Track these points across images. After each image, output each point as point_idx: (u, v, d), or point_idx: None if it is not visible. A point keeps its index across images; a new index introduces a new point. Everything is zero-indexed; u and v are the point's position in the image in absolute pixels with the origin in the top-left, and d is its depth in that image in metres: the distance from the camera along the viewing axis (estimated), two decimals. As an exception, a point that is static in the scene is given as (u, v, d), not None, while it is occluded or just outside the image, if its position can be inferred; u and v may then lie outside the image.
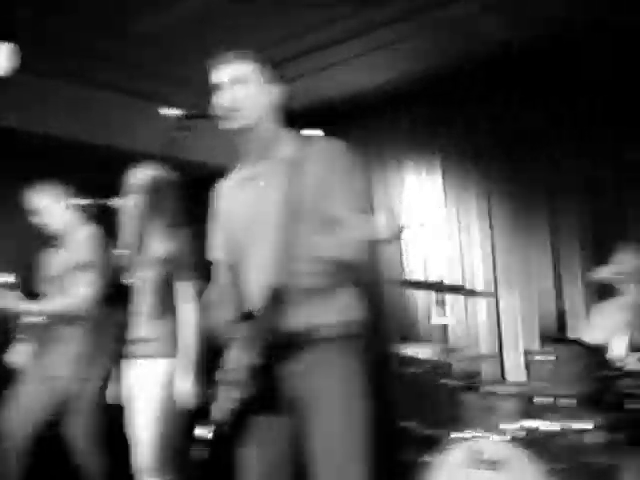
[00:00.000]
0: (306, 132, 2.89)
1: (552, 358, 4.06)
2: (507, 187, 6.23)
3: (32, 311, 4.56)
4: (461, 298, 6.31)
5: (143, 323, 3.99)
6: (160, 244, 4.00)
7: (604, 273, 4.74)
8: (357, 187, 2.76)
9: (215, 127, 2.82)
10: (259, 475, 2.76)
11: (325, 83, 6.36)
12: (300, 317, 2.69)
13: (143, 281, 4.00)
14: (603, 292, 5.13)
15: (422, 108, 6.73)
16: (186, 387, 3.86)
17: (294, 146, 2.83)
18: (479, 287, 6.25)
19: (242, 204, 2.89)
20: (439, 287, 5.04)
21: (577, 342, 4.49)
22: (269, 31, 5.37)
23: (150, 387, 3.87)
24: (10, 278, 4.49)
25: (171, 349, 3.92)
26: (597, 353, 4.18)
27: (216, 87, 2.84)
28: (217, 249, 3.02)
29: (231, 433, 2.67)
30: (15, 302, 4.48)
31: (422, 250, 6.67)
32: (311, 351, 2.69)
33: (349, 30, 5.59)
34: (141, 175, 4.02)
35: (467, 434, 4.10)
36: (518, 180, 6.17)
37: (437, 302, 5.09)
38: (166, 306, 3.98)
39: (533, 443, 3.95)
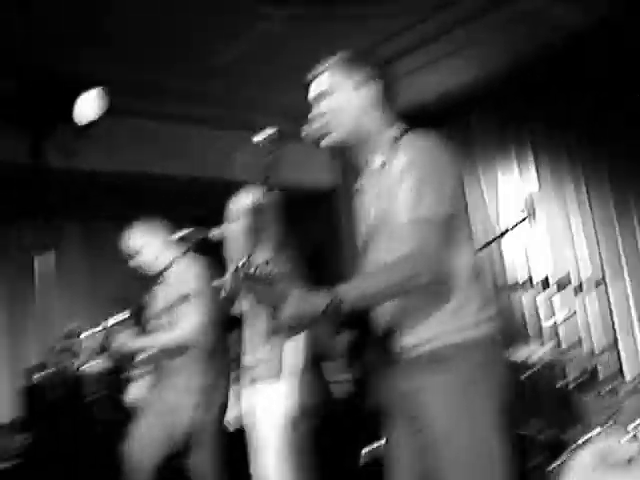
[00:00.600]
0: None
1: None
2: (604, 174, 6.08)
3: (145, 346, 4.64)
4: (569, 293, 6.17)
5: (259, 346, 4.00)
6: (268, 265, 4.00)
7: None
8: (432, 186, 2.48)
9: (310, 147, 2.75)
10: None
11: (409, 88, 6.37)
12: (411, 331, 2.57)
13: (250, 305, 4.02)
14: None
15: (509, 104, 6.66)
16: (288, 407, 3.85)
17: (384, 150, 2.65)
18: (586, 280, 6.10)
19: (358, 219, 2.80)
20: (545, 285, 4.94)
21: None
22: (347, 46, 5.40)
23: (274, 409, 3.87)
24: (125, 315, 4.58)
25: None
26: None
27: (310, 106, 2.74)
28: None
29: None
30: (129, 339, 4.58)
31: (524, 247, 6.55)
32: (422, 365, 2.55)
33: (422, 36, 5.63)
34: (242, 200, 4.04)
35: (593, 435, 4.00)
36: (615, 165, 6.02)
37: (545, 301, 4.98)
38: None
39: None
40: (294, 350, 3.89)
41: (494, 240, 6.21)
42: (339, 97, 2.68)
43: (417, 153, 2.54)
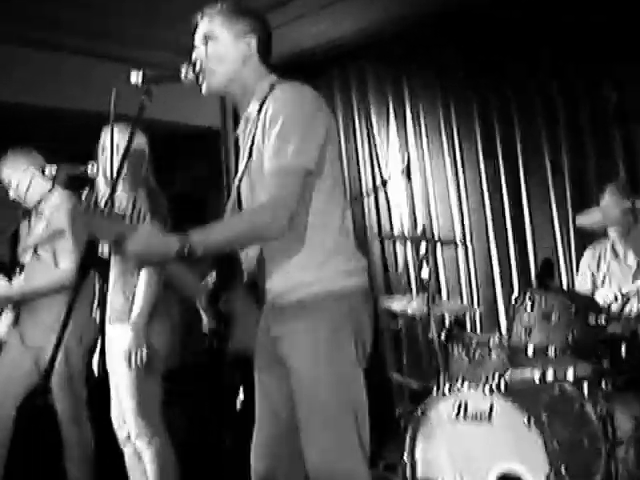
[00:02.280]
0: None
1: (539, 306, 4.02)
2: (490, 129, 6.14)
3: (25, 293, 4.49)
4: (446, 249, 6.25)
5: (117, 286, 3.93)
6: (123, 208, 3.91)
7: (589, 218, 4.67)
8: (290, 143, 2.49)
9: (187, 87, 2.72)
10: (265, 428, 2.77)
11: (302, 33, 6.25)
12: (277, 278, 2.64)
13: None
14: (590, 237, 5.07)
15: (390, 56, 6.64)
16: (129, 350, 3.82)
17: (259, 99, 2.67)
18: (467, 236, 6.18)
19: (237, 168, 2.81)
20: (422, 239, 4.98)
21: (564, 289, 4.46)
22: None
23: (119, 351, 3.84)
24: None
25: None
26: (586, 300, 4.15)
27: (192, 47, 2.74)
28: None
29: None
30: (5, 286, 4.44)
31: (406, 199, 6.59)
32: (292, 311, 2.62)
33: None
34: (113, 136, 3.92)
35: (453, 386, 4.08)
36: (501, 119, 6.08)
37: (422, 254, 5.03)
38: (133, 271, 3.93)
39: (520, 394, 3.93)
40: (143, 292, 3.86)
41: (373, 190, 6.24)
42: (219, 45, 2.69)
43: (285, 102, 2.57)
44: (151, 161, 4.07)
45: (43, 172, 4.43)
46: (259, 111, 2.63)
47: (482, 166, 6.16)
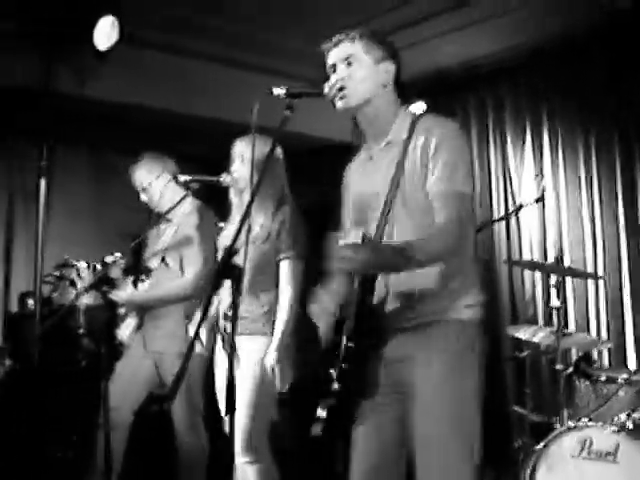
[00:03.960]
0: (412, 106, 2.82)
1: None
2: (631, 161, 5.91)
3: (139, 299, 4.58)
4: (579, 280, 6.07)
5: (243, 300, 3.93)
6: (266, 219, 3.94)
7: None
8: (461, 167, 2.69)
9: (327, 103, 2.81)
10: (370, 458, 2.76)
11: (439, 52, 6.23)
12: (406, 301, 2.69)
13: (246, 257, 3.94)
14: None
15: (537, 79, 6.48)
16: (272, 367, 3.80)
17: (405, 126, 2.77)
18: (599, 268, 5.99)
19: (362, 185, 2.90)
20: (555, 268, 4.85)
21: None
22: (374, 2, 5.25)
23: (247, 365, 3.82)
24: (125, 253, 4.48)
25: (270, 327, 3.86)
26: None
27: (328, 67, 2.85)
28: (343, 227, 3.01)
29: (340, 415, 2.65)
30: (133, 291, 4.53)
31: (538, 226, 6.43)
32: (418, 336, 2.67)
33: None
34: (250, 147, 3.97)
35: (579, 422, 3.95)
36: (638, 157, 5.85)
37: (554, 284, 4.90)
38: (267, 284, 3.93)
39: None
40: (289, 307, 3.86)
41: (505, 216, 6.14)
42: (362, 67, 2.80)
43: (448, 135, 2.71)
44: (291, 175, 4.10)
45: (176, 179, 4.49)
46: (409, 137, 2.71)
47: (619, 198, 5.96)
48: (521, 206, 5.94)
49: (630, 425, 3.81)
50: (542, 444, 3.97)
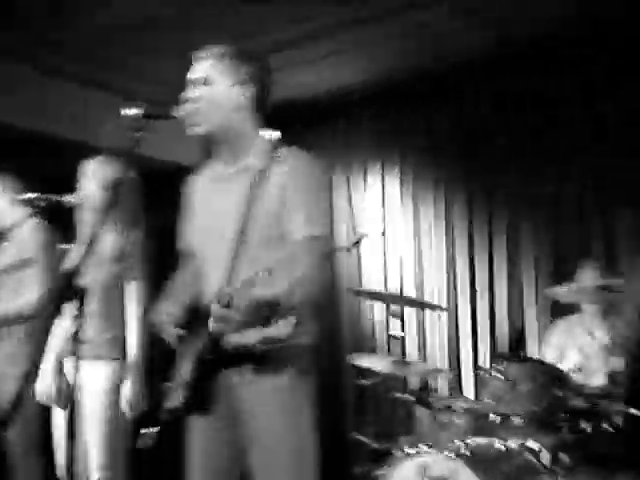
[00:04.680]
0: (266, 133, 2.80)
1: (505, 375, 4.02)
2: (469, 196, 6.20)
3: None
4: (418, 310, 6.25)
5: (91, 323, 3.86)
6: (113, 242, 3.89)
7: (563, 291, 4.69)
8: (320, 206, 2.66)
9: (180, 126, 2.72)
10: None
11: (290, 82, 6.27)
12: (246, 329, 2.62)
13: (93, 279, 3.88)
14: (561, 309, 5.11)
15: (388, 111, 6.66)
16: (129, 391, 3.76)
17: (263, 154, 2.70)
18: (437, 299, 6.19)
19: (208, 206, 2.80)
20: (396, 299, 4.98)
21: (532, 360, 4.46)
22: (235, 26, 5.25)
23: (96, 389, 3.76)
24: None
25: (119, 351, 3.81)
26: (552, 372, 4.15)
27: (187, 83, 2.74)
28: (185, 243, 2.92)
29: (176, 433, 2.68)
30: None
31: (381, 259, 6.60)
32: (256, 364, 2.63)
33: (314, 30, 5.52)
34: (101, 169, 3.92)
35: (417, 449, 4.04)
36: (481, 189, 6.15)
37: (394, 314, 5.03)
38: (115, 306, 3.87)
39: (482, 461, 3.90)
40: (141, 331, 3.82)
41: (348, 247, 6.25)
42: (216, 90, 2.68)
43: (307, 170, 2.67)
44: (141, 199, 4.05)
45: (19, 198, 4.36)
46: (265, 168, 2.65)
47: (458, 231, 6.20)
48: (364, 236, 6.08)
49: (466, 452, 3.92)
50: (381, 470, 4.03)
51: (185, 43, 2.87)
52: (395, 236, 6.51)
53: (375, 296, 6.06)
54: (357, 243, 6.05)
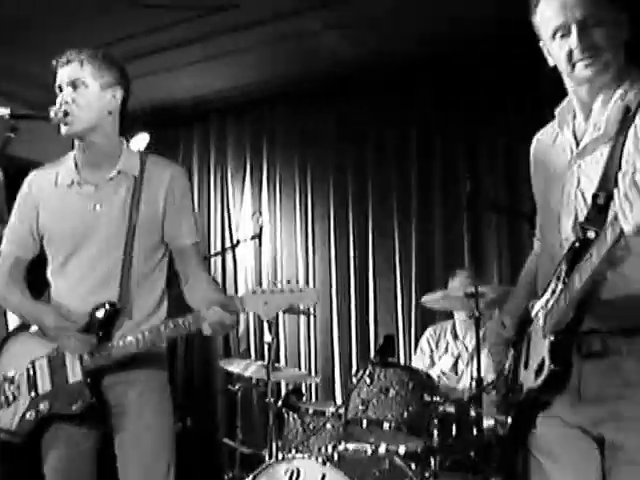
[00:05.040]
0: (136, 137, 2.81)
1: (376, 381, 4.05)
2: (343, 202, 6.27)
3: None
4: (289, 316, 6.25)
5: None
6: None
7: (434, 298, 4.77)
8: (194, 216, 2.86)
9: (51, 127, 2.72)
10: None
11: (166, 85, 6.19)
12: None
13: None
14: (433, 316, 5.19)
15: (263, 118, 6.70)
16: None
17: (135, 161, 2.77)
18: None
19: (70, 208, 2.78)
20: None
21: (403, 366, 4.51)
22: (112, 28, 5.15)
23: None
24: None
25: None
26: (422, 377, 4.21)
27: (56, 88, 2.75)
28: (12, 242, 2.87)
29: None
30: None
31: (256, 263, 6.59)
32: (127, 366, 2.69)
33: (192, 35, 5.48)
34: None
35: (288, 454, 4.04)
36: (354, 194, 6.24)
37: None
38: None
39: (352, 466, 3.92)
40: None
41: (224, 251, 6.21)
42: (87, 93, 2.72)
43: (181, 181, 2.84)
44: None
45: None
46: (141, 176, 2.75)
47: (332, 238, 6.26)
48: (238, 242, 6.05)
49: (335, 456, 3.94)
50: (251, 476, 4.01)
51: (56, 45, 2.78)
52: (270, 241, 6.51)
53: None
54: (233, 247, 6.02)
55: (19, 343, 2.83)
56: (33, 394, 2.68)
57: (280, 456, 4.06)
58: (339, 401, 5.58)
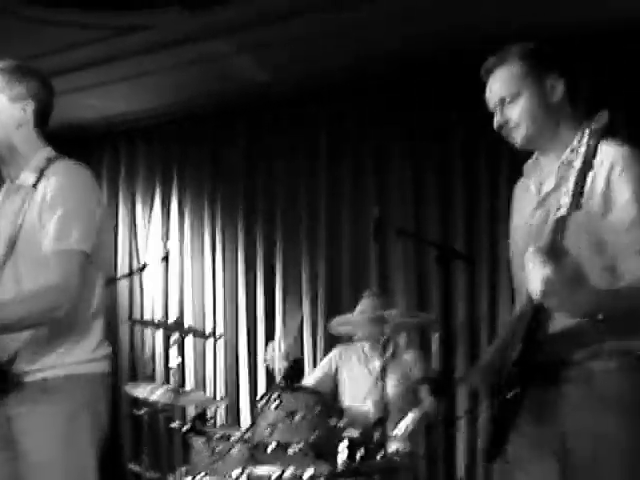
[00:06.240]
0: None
1: (282, 404, 4.06)
2: (250, 225, 6.32)
3: None
4: (196, 339, 6.23)
5: None
6: None
7: (340, 321, 4.80)
8: (79, 217, 2.55)
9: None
10: None
11: (76, 105, 6.14)
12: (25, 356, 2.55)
13: None
14: (339, 340, 5.24)
15: (174, 139, 6.69)
16: None
17: (37, 169, 2.63)
18: (217, 327, 6.21)
19: None
20: (175, 327, 4.94)
21: (308, 390, 4.53)
22: (26, 45, 5.08)
23: None
24: None
25: None
26: (330, 402, 4.23)
27: None
28: None
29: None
30: None
31: (163, 286, 6.55)
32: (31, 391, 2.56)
33: (107, 54, 5.46)
34: None
35: (194, 479, 4.01)
36: (260, 217, 6.28)
37: (172, 342, 4.98)
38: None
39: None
40: None
41: (131, 274, 6.16)
42: None
43: (68, 182, 2.58)
44: None
45: None
46: (35, 184, 2.59)
47: (240, 261, 6.30)
48: (145, 265, 6.01)
49: (244, 480, 3.93)
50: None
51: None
52: (176, 264, 6.48)
53: (154, 324, 5.99)
54: (140, 270, 5.97)
55: None
56: None
57: (187, 480, 4.02)
58: (245, 425, 5.57)
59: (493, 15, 4.81)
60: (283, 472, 4.12)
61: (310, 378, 5.02)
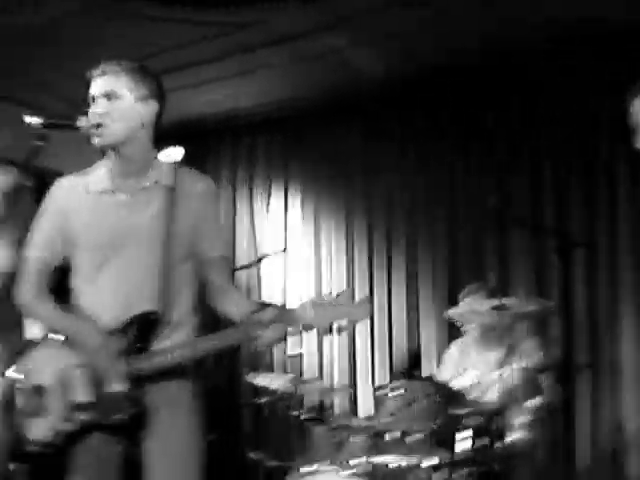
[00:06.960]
0: (169, 150, 2.81)
1: (403, 394, 4.06)
2: (369, 217, 6.30)
3: None
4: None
5: None
6: (9, 252, 3.77)
7: (459, 311, 4.77)
8: (224, 230, 2.84)
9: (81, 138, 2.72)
10: None
11: (197, 100, 6.26)
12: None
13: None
14: (457, 329, 5.20)
15: (291, 134, 6.73)
16: None
17: (168, 173, 2.78)
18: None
19: (104, 217, 2.77)
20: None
21: (428, 378, 4.51)
22: (143, 43, 5.19)
23: None
24: None
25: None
26: (448, 390, 4.21)
27: (89, 99, 2.75)
28: (41, 248, 2.82)
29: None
30: None
31: (281, 278, 6.62)
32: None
33: (224, 49, 5.52)
34: None
35: (314, 467, 4.04)
36: (380, 210, 6.26)
37: (292, 332, 5.02)
38: (9, 320, 3.74)
39: (380, 479, 3.92)
40: None
41: (250, 265, 6.24)
42: (122, 104, 2.71)
43: (213, 195, 2.91)
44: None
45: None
46: (173, 187, 2.76)
47: (357, 251, 6.28)
48: (264, 256, 6.09)
49: (363, 470, 3.93)
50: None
51: (87, 57, 2.81)
52: (295, 256, 6.54)
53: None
54: (258, 262, 6.05)
55: (45, 351, 2.78)
56: (69, 404, 2.66)
57: (306, 470, 4.04)
58: (362, 414, 5.59)
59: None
60: (404, 460, 4.13)
61: (445, 373, 4.99)
